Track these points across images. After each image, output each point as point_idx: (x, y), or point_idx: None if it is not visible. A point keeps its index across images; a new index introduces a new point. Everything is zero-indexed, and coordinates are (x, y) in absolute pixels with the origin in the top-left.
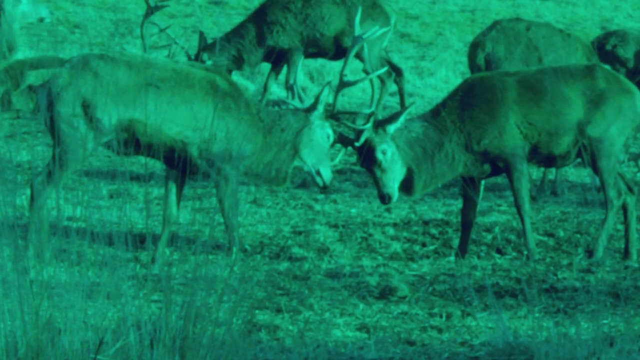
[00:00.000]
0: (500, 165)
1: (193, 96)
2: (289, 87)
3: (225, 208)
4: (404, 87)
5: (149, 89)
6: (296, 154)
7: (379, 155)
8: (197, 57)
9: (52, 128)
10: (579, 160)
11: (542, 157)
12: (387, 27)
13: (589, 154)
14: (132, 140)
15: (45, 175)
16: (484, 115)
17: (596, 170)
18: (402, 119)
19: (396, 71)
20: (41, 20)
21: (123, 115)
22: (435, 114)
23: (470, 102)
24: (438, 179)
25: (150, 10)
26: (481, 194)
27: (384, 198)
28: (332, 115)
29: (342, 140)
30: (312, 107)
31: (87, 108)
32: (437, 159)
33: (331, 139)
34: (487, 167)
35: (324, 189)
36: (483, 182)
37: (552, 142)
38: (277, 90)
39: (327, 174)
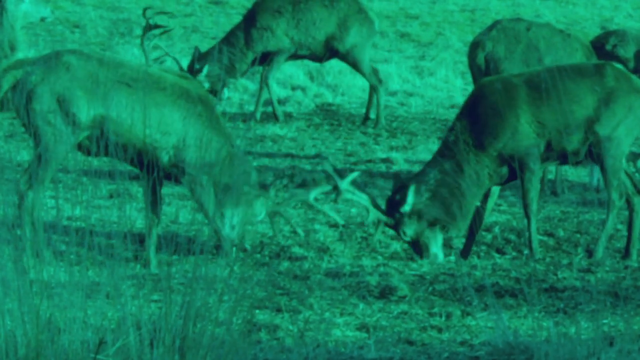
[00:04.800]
0: (514, 165)
1: (164, 99)
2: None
3: (208, 211)
4: (380, 90)
5: (121, 87)
6: (231, 203)
7: (403, 237)
8: (191, 69)
9: (30, 127)
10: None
11: (556, 155)
12: (373, 32)
13: (596, 152)
14: (104, 139)
15: (29, 175)
16: (494, 120)
17: (601, 169)
18: (411, 197)
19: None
20: (43, 20)
21: (96, 110)
22: (446, 142)
23: (480, 112)
24: (473, 201)
25: (149, 28)
26: (495, 198)
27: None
28: (274, 212)
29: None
30: (267, 190)
31: (61, 103)
32: (465, 187)
33: (260, 217)
34: (505, 171)
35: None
36: (497, 188)
37: (564, 139)
38: (276, 89)
39: (236, 232)
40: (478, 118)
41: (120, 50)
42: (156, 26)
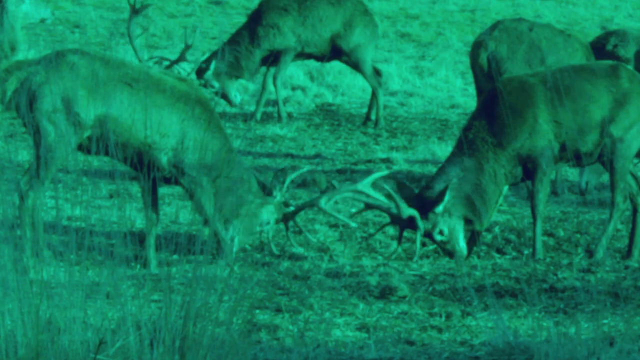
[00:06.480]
0: (529, 166)
1: (164, 101)
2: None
3: (208, 213)
4: (379, 91)
5: (124, 87)
6: (232, 212)
7: (439, 237)
8: (199, 72)
9: (33, 127)
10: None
11: (569, 156)
12: (376, 35)
13: (606, 154)
14: (104, 139)
15: (31, 174)
16: (513, 119)
17: (609, 170)
18: (447, 197)
19: (377, 72)
20: (43, 21)
21: (99, 110)
22: (464, 140)
23: (498, 112)
24: (493, 198)
25: (135, 12)
26: (500, 200)
27: (458, 258)
28: (286, 217)
29: (394, 220)
30: (273, 192)
31: (66, 103)
32: (485, 183)
33: (270, 225)
34: (519, 171)
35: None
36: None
37: (579, 140)
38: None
39: (236, 243)
40: (496, 118)
41: (120, 50)
42: (142, 7)
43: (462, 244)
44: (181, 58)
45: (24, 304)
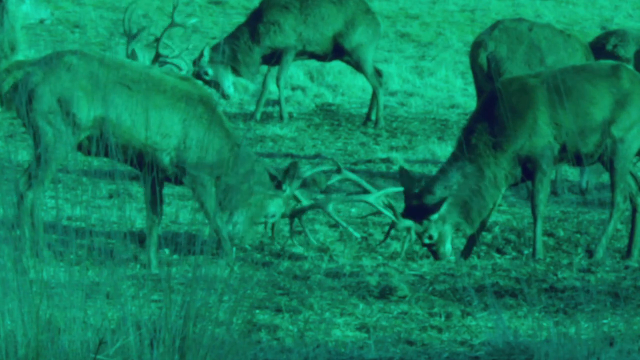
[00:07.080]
0: (528, 167)
1: (164, 102)
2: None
3: (209, 211)
4: (380, 91)
5: (122, 89)
6: (239, 203)
7: (427, 241)
8: (196, 62)
9: (31, 127)
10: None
11: (570, 156)
12: (378, 34)
13: (607, 154)
14: (103, 139)
15: (29, 175)
16: (513, 120)
17: (610, 171)
18: (444, 207)
19: (377, 72)
20: (42, 21)
21: (97, 111)
22: (466, 144)
23: (498, 113)
24: (491, 202)
25: (132, 37)
26: (498, 201)
27: (440, 259)
28: (292, 214)
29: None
30: (283, 185)
31: (62, 103)
32: (484, 190)
33: (275, 218)
34: (519, 172)
35: (233, 240)
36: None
37: (579, 141)
38: (276, 90)
39: (238, 229)
40: (497, 119)
41: (120, 50)
42: (138, 32)
43: (448, 247)
44: (171, 25)
45: (24, 304)
